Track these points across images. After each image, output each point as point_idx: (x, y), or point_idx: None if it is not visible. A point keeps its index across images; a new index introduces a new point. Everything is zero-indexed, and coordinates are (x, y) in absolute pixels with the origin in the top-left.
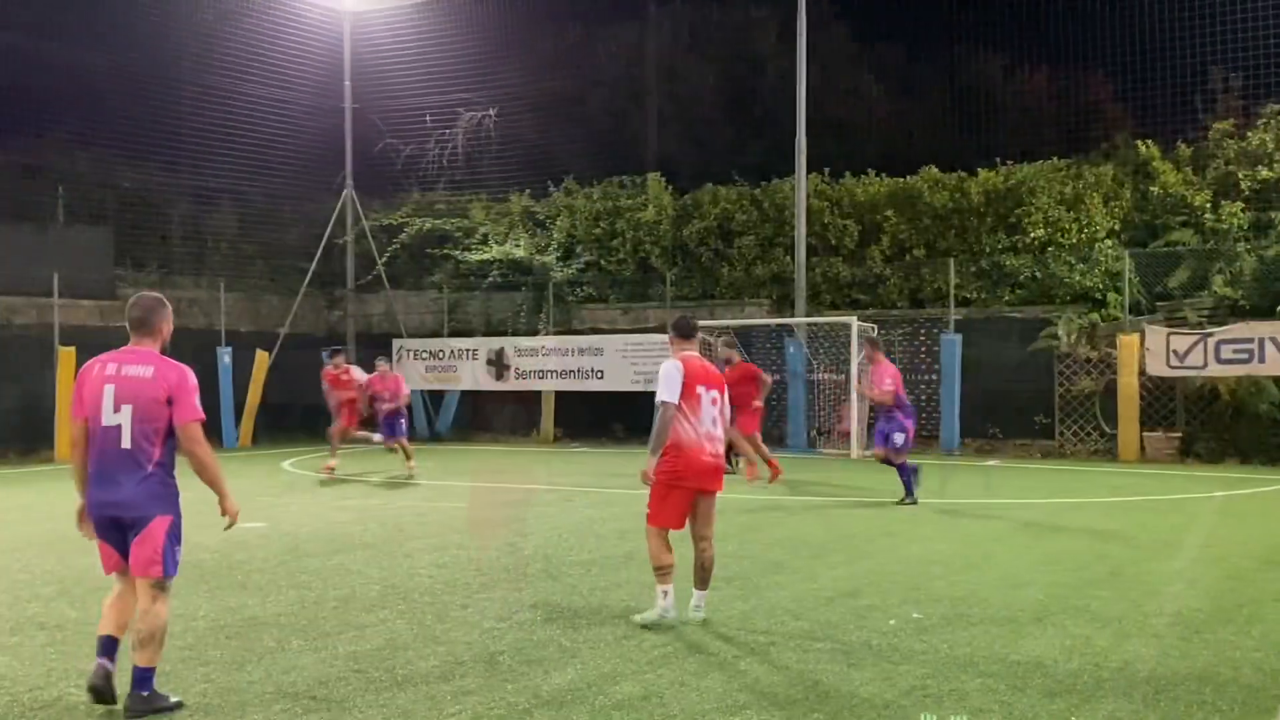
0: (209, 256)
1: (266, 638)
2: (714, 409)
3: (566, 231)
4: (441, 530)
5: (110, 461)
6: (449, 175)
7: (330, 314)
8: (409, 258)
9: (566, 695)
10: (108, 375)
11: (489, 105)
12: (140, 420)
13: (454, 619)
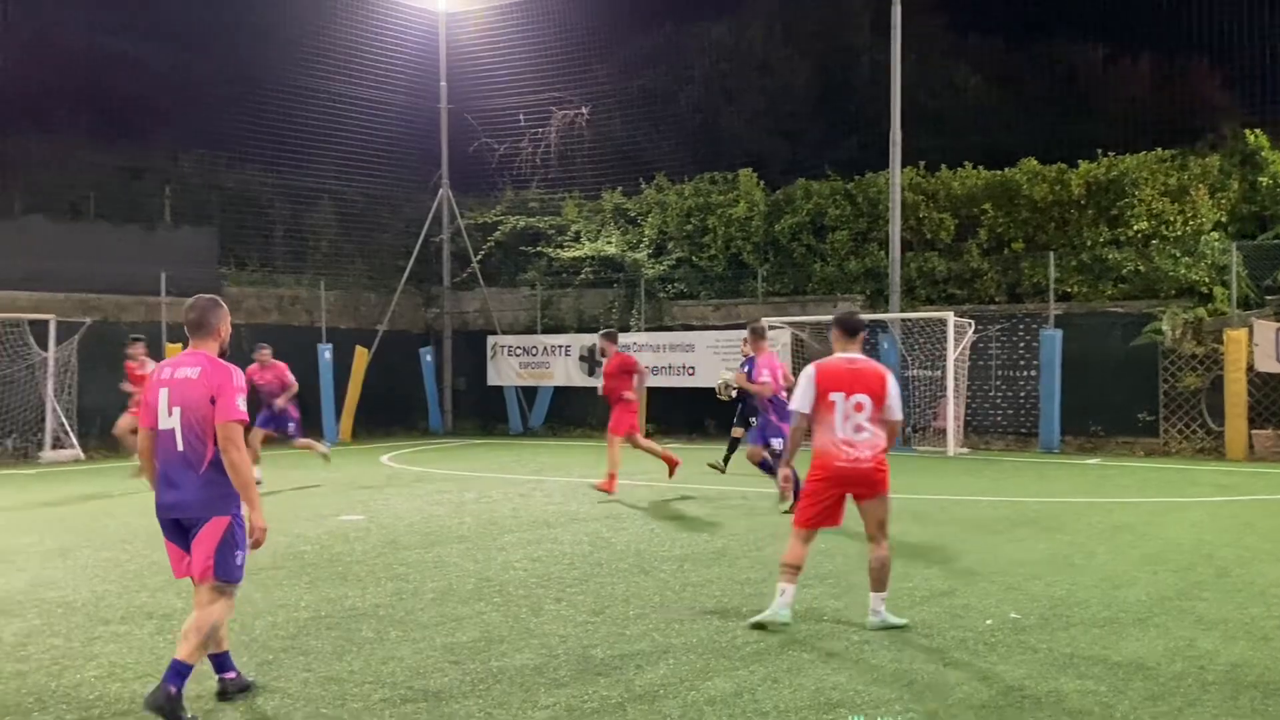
0: (310, 255)
1: (365, 628)
2: (856, 414)
3: (658, 228)
4: (535, 524)
5: (169, 464)
6: (542, 173)
7: (427, 311)
8: (503, 255)
9: (659, 690)
10: (163, 379)
11: (581, 103)
12: (190, 422)
13: (548, 613)
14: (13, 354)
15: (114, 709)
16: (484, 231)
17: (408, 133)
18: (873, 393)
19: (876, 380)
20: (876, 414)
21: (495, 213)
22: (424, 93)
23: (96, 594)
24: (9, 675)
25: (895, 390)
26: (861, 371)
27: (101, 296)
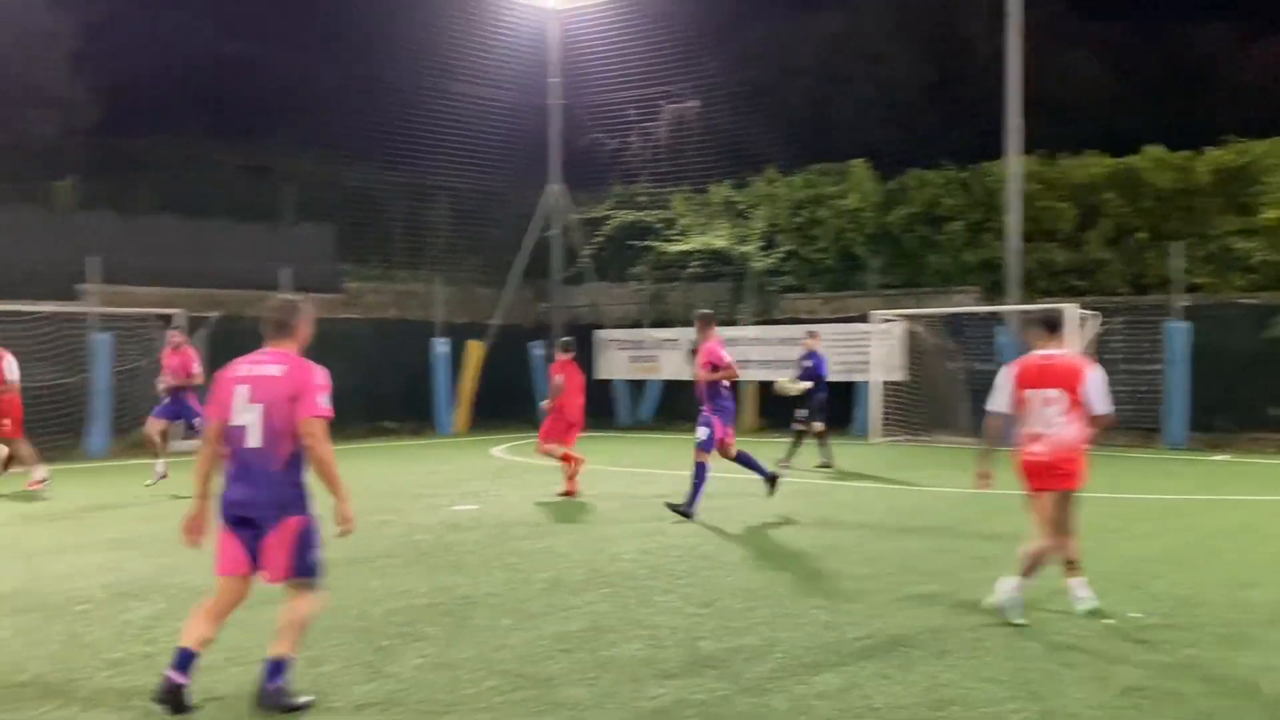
0: (426, 251)
1: (478, 616)
2: (1047, 408)
3: (767, 221)
4: (644, 517)
5: (242, 460)
6: (651, 167)
7: (538, 306)
8: (612, 250)
9: (767, 683)
10: (240, 376)
11: (691, 97)
12: (270, 419)
13: (657, 604)
14: (143, 349)
15: (236, 691)
16: (593, 226)
17: (520, 129)
18: (1066, 386)
19: (1070, 374)
20: (1071, 408)
21: (605, 207)
22: (536, 89)
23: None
24: (138, 657)
25: (1095, 384)
26: (1055, 366)
27: (227, 292)
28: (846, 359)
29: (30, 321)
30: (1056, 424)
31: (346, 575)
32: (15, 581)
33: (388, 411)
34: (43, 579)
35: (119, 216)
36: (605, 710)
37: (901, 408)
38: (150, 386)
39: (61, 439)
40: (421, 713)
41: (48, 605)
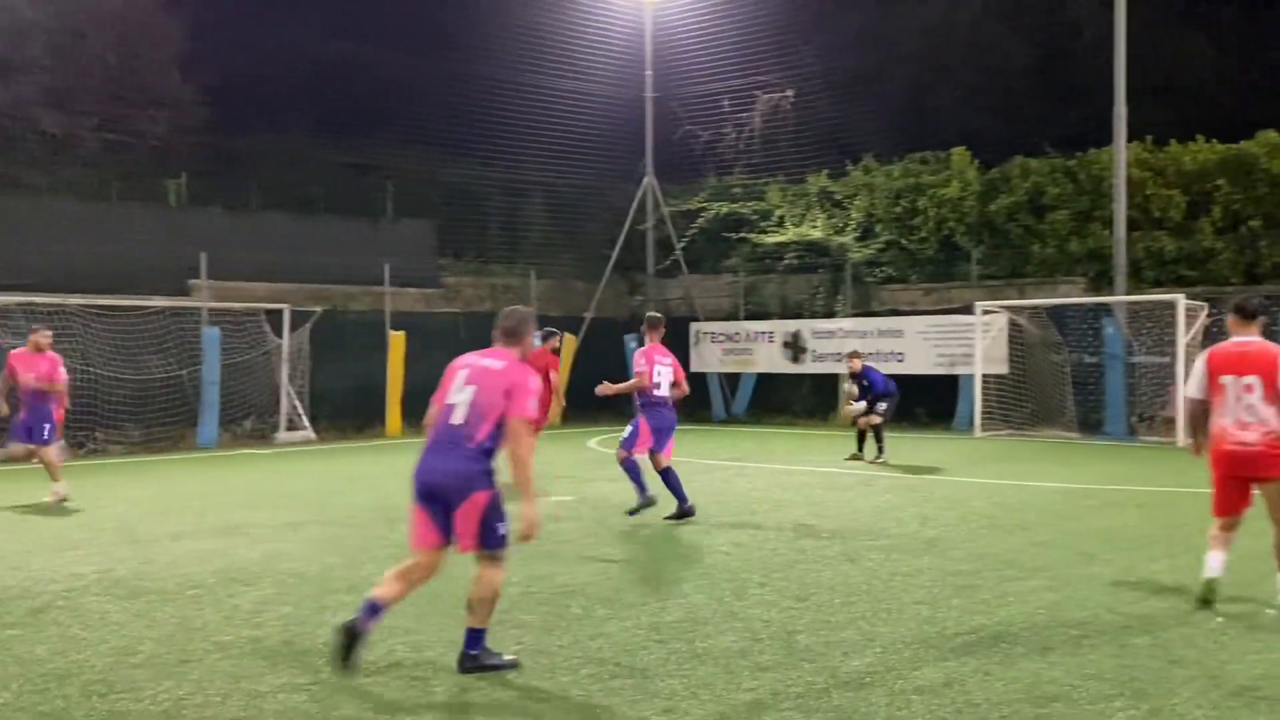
0: (521, 245)
1: (574, 605)
2: (1246, 395)
3: (865, 211)
4: (739, 510)
5: (441, 435)
6: (746, 159)
7: (631, 299)
8: (706, 242)
9: (865, 677)
10: (464, 363)
11: (786, 87)
12: (478, 401)
13: (752, 597)
14: (251, 341)
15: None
16: (687, 218)
17: (613, 123)
18: (1263, 374)
19: (1267, 361)
20: (1269, 395)
21: (698, 199)
22: (629, 82)
23: (325, 566)
24: (246, 640)
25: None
26: (1250, 353)
27: (331, 287)
28: (948, 351)
29: (144, 316)
30: (1259, 412)
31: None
32: (130, 565)
33: None
34: (156, 564)
35: (227, 213)
36: (700, 701)
37: (1004, 401)
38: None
39: (174, 430)
40: (520, 699)
41: (161, 590)
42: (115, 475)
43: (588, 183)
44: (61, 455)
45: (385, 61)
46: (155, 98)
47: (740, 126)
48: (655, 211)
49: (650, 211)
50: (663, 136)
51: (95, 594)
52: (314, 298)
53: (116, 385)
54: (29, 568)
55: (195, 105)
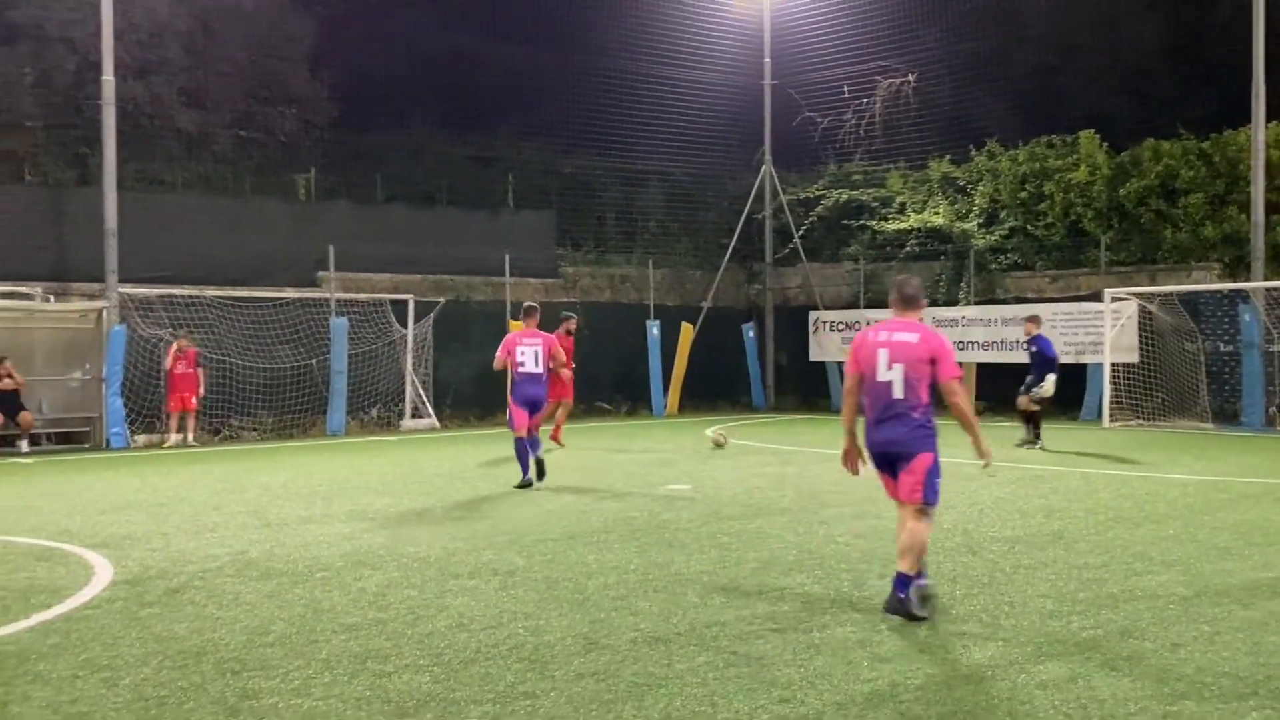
0: (639, 235)
1: (690, 593)
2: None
3: (989, 196)
4: (859, 500)
5: (885, 409)
6: (866, 145)
7: (749, 288)
8: (825, 230)
9: (987, 671)
10: (880, 341)
11: (907, 71)
12: (909, 377)
13: (871, 587)
14: (377, 332)
15: (461, 657)
16: (806, 206)
17: (732, 111)
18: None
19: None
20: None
21: (817, 187)
22: (747, 70)
23: (448, 550)
24: (371, 622)
25: None
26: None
27: (454, 278)
28: (1076, 340)
29: (276, 307)
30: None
31: (564, 549)
32: (262, 548)
33: (603, 392)
34: (287, 547)
35: (353, 207)
36: (817, 691)
37: (1134, 391)
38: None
39: (304, 417)
40: (636, 685)
41: (292, 572)
42: (249, 461)
43: (705, 171)
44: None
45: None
46: (285, 95)
47: (860, 112)
48: (773, 199)
49: (768, 199)
50: (781, 124)
51: (229, 575)
52: (437, 288)
53: (250, 374)
54: (168, 549)
55: (323, 101)
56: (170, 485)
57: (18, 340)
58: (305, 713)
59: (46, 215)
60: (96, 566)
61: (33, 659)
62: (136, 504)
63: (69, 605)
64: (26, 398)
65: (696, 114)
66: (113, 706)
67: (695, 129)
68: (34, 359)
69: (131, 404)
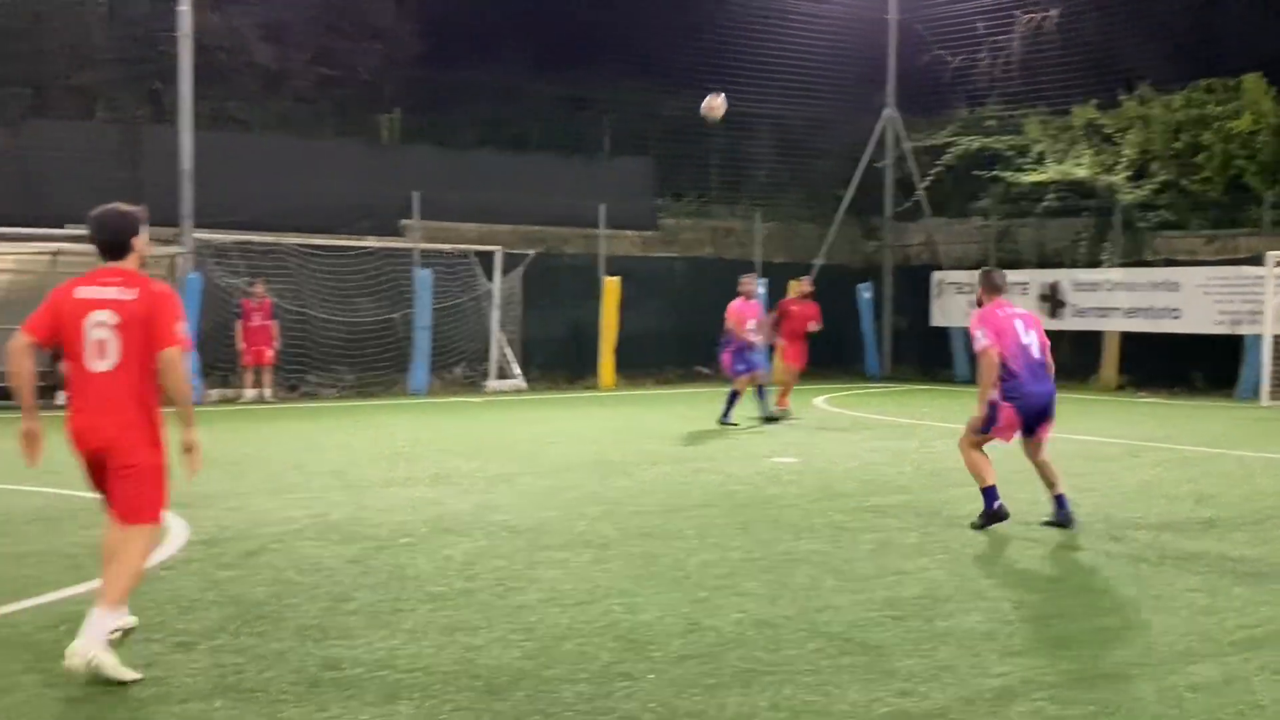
0: (745, 185)
1: (799, 574)
2: None
3: (1139, 147)
4: None
5: (1034, 369)
6: (1001, 88)
7: (866, 244)
8: (953, 181)
9: (1131, 669)
10: (1014, 313)
11: (1050, 5)
12: (1041, 342)
13: (999, 575)
14: (462, 285)
15: (553, 633)
16: (932, 155)
17: (851, 49)
18: None
19: None
20: None
21: (945, 134)
22: (869, 4)
23: (538, 520)
24: (459, 591)
25: None
26: None
27: (544, 229)
28: (1233, 308)
29: (357, 256)
30: None
31: (662, 523)
32: (344, 511)
33: (702, 355)
34: (369, 510)
35: (439, 151)
36: (941, 684)
37: None
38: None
39: (385, 375)
40: (742, 670)
41: (374, 536)
42: (328, 419)
43: (820, 116)
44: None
45: None
46: (369, 30)
47: (996, 51)
48: (895, 148)
49: (890, 148)
50: (906, 64)
51: (309, 538)
52: (526, 240)
53: (329, 327)
54: (245, 509)
55: (408, 37)
56: (246, 442)
57: None
58: (390, 686)
59: (118, 154)
60: (171, 526)
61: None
62: (211, 461)
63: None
64: None
65: (811, 52)
66: (189, 673)
67: (809, 68)
68: None
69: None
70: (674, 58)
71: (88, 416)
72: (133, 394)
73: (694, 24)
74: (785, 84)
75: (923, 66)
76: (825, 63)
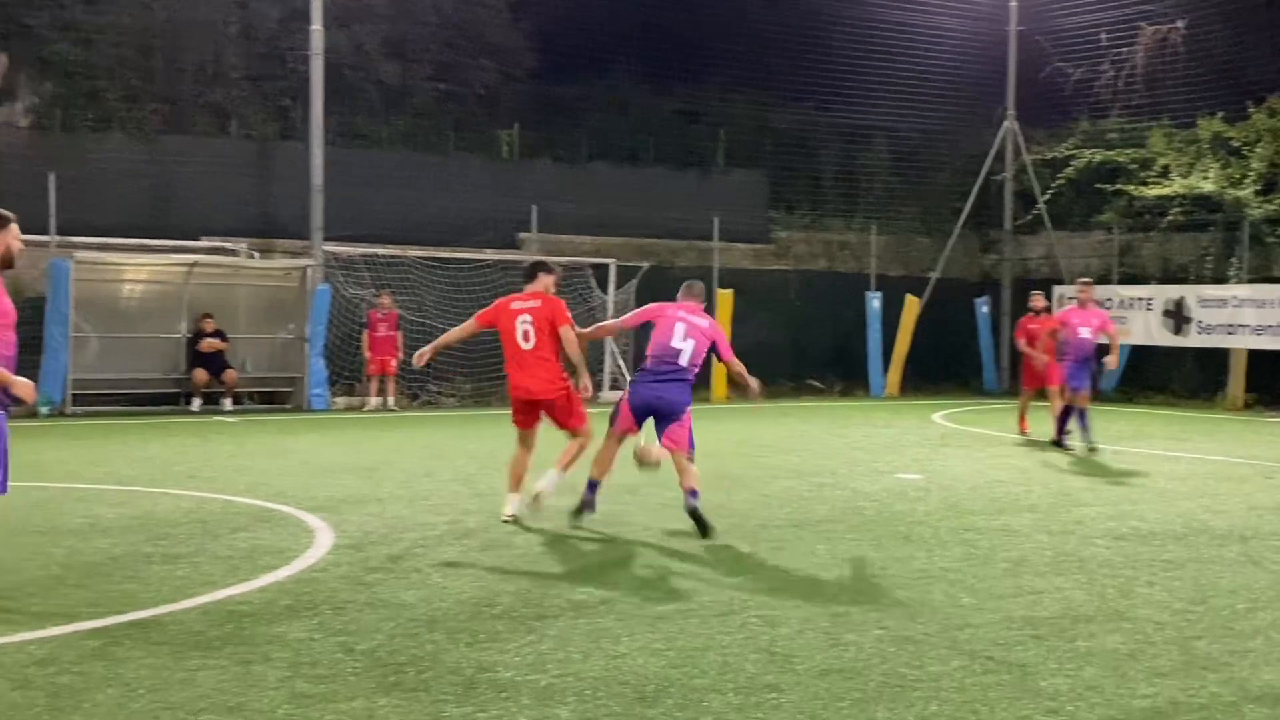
0: (860, 198)
1: (936, 592)
2: None
3: (1267, 160)
4: (1116, 499)
5: (659, 372)
6: (1125, 100)
7: (984, 257)
8: (1074, 194)
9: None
10: (686, 319)
11: (1177, 16)
12: (695, 350)
13: (1139, 596)
14: (577, 297)
15: (695, 644)
16: (1053, 168)
17: (969, 61)
18: None
19: None
20: None
21: (1067, 146)
22: (989, 15)
23: (667, 531)
24: (598, 600)
25: None
26: None
27: (657, 241)
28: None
29: (476, 269)
30: None
31: (792, 537)
32: (478, 518)
33: (816, 369)
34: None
35: (555, 165)
36: (1089, 704)
37: None
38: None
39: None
40: (887, 685)
41: (508, 544)
42: (451, 427)
43: (937, 127)
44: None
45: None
46: (486, 47)
47: (1119, 63)
48: (1015, 160)
49: (1009, 160)
50: (1027, 75)
51: (450, 544)
52: (640, 252)
53: None
54: (385, 515)
55: (524, 52)
56: (377, 449)
57: (222, 297)
58: (543, 689)
59: (251, 170)
60: (316, 529)
61: (267, 620)
62: (347, 467)
63: (295, 568)
64: (230, 356)
65: (929, 63)
66: (353, 672)
67: (927, 80)
68: (238, 317)
69: (331, 365)
70: (788, 70)
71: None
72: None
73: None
74: (902, 96)
75: (1044, 78)
76: (944, 74)
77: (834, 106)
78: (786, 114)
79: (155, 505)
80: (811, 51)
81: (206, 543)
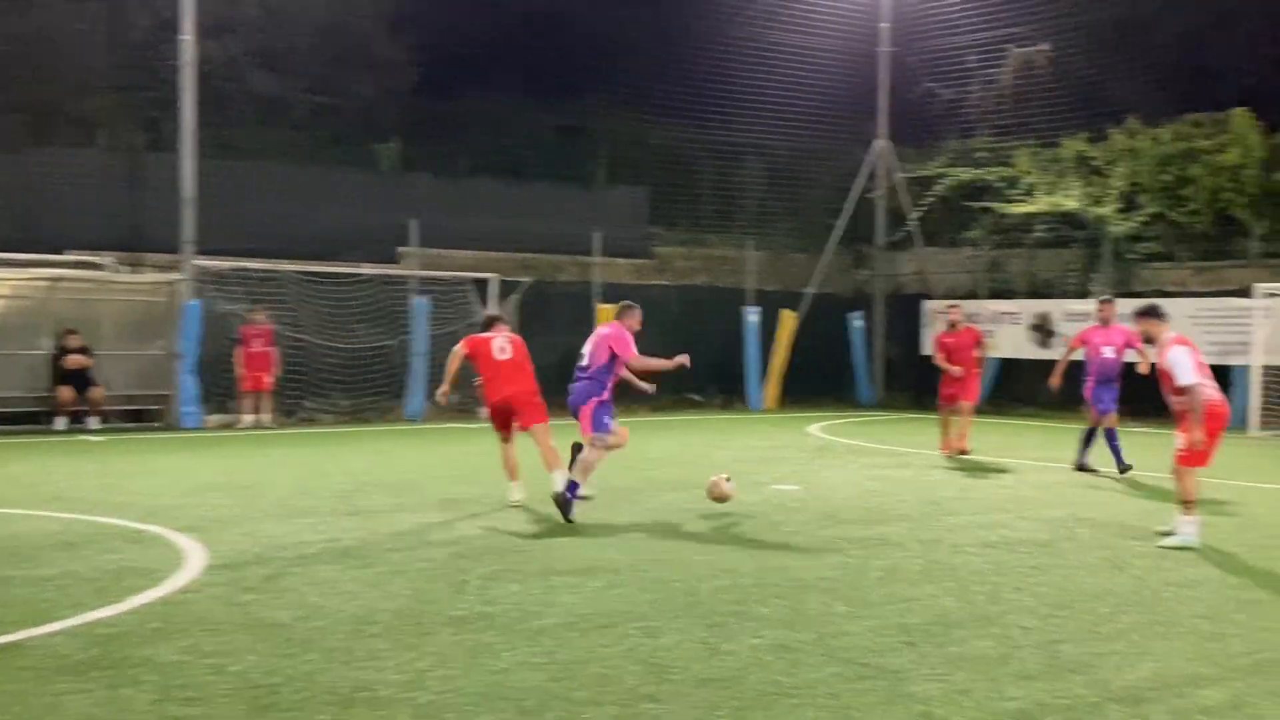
0: (737, 214)
1: (811, 600)
2: None
3: (1128, 179)
4: (984, 508)
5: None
6: (993, 120)
7: (857, 273)
8: (944, 212)
9: (1142, 693)
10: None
11: (1041, 39)
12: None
13: (1007, 601)
14: (458, 312)
15: (575, 656)
16: (923, 186)
17: (843, 80)
18: None
19: None
20: None
21: (936, 165)
22: (861, 36)
23: (548, 546)
24: (478, 615)
25: None
26: None
27: (539, 256)
28: (1221, 339)
29: (354, 284)
30: None
31: (671, 549)
32: (356, 536)
33: (695, 383)
34: (380, 535)
35: (435, 179)
36: (960, 708)
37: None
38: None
39: (381, 401)
40: (764, 693)
41: (389, 561)
42: (328, 445)
43: (811, 146)
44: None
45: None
46: (364, 59)
47: (988, 84)
48: (887, 178)
49: (881, 178)
50: (898, 95)
51: (326, 562)
52: (522, 267)
53: (326, 354)
54: (259, 534)
55: (404, 66)
56: (252, 468)
57: (88, 312)
58: (422, 707)
59: (118, 181)
60: (187, 550)
61: (136, 643)
62: (220, 486)
63: (165, 589)
64: (96, 372)
65: (804, 82)
66: (223, 693)
67: (802, 99)
68: (103, 332)
69: (204, 382)
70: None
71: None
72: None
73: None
74: (777, 114)
75: (914, 99)
76: (818, 93)
77: (712, 124)
78: (666, 130)
79: (18, 527)
80: (690, 69)
81: (73, 565)
